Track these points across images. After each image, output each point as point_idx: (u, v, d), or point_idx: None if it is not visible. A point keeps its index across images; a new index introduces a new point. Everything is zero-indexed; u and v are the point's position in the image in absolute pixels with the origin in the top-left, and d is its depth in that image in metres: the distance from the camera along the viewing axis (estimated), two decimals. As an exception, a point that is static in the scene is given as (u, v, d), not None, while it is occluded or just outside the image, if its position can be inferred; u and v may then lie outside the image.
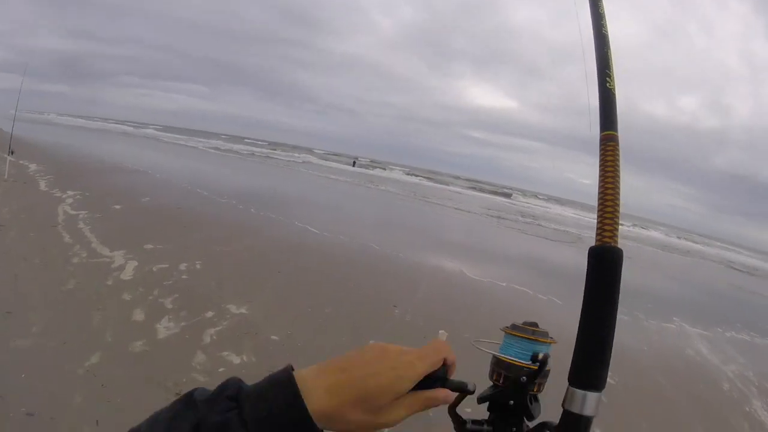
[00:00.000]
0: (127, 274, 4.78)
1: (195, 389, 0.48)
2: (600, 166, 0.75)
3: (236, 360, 3.39)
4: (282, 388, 0.46)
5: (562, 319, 5.97)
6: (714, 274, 19.15)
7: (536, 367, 0.65)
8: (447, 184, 47.48)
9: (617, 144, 0.76)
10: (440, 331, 0.64)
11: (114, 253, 5.38)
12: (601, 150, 0.77)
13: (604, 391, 0.62)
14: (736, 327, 7.95)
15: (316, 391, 0.47)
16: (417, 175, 52.62)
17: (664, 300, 9.26)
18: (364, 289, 5.52)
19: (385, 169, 53.75)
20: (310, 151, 70.37)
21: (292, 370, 0.48)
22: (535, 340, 0.68)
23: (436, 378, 0.55)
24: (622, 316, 6.71)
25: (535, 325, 0.70)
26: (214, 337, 3.64)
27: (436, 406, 0.56)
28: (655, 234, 40.70)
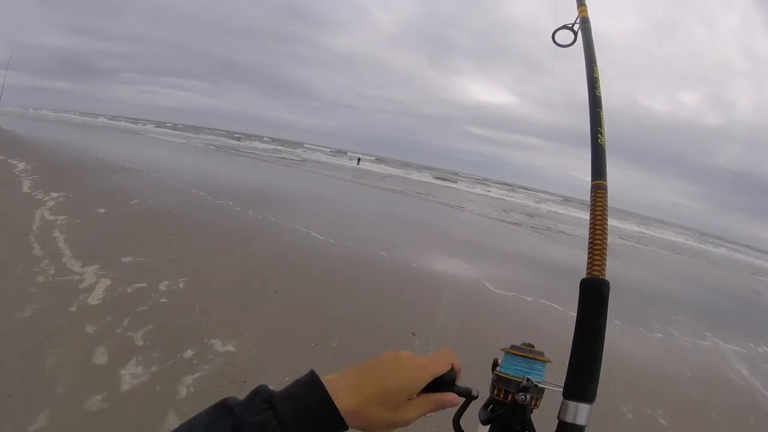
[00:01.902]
0: (96, 298, 4.04)
1: (226, 398, 0.50)
2: (591, 210, 0.86)
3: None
4: (311, 389, 0.51)
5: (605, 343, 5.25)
6: (727, 277, 18.41)
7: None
8: (454, 182, 46.63)
9: (605, 192, 0.87)
10: None
11: (85, 269, 4.64)
12: (591, 197, 0.88)
13: (594, 403, 0.65)
14: (766, 339, 7.49)
15: (343, 391, 0.51)
16: (422, 172, 52.01)
17: (689, 309, 8.64)
18: (376, 313, 4.74)
19: (389, 166, 53.11)
20: (313, 148, 69.84)
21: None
22: (533, 358, 0.73)
23: (445, 382, 0.60)
24: (658, 334, 6.19)
25: (532, 346, 0.76)
26: (192, 389, 2.88)
27: (445, 408, 0.61)
28: (661, 234, 39.77)
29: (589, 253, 0.81)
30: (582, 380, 0.69)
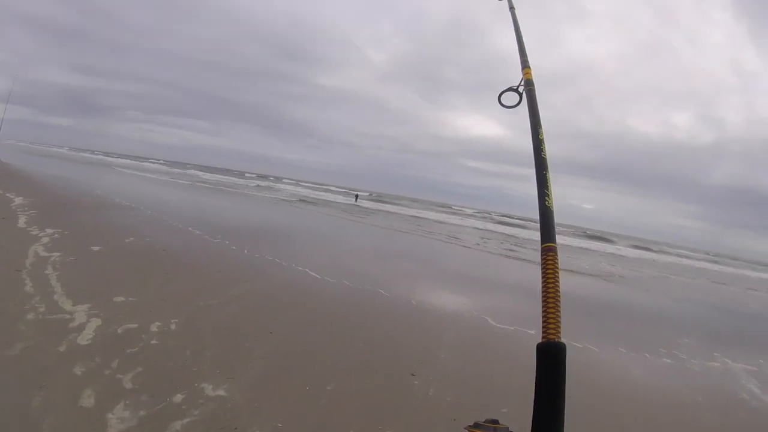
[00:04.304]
0: (86, 337, 3.95)
1: None
2: (542, 273, 0.90)
3: (205, 473, 2.53)
4: None
5: (611, 374, 5.19)
6: (731, 295, 18.31)
7: None
8: (451, 216, 46.71)
9: (556, 254, 0.91)
10: None
11: (76, 308, 4.56)
12: (542, 259, 0.91)
13: None
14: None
15: None
16: (420, 207, 52.25)
17: (696, 330, 8.68)
18: (375, 353, 4.65)
19: (388, 203, 53.31)
20: (309, 185, 70.34)
21: None
22: None
23: None
24: (665, 359, 6.15)
25: (496, 421, 0.78)
26: (180, 436, 2.78)
27: None
28: (663, 257, 39.75)
29: (543, 316, 0.84)
30: None
